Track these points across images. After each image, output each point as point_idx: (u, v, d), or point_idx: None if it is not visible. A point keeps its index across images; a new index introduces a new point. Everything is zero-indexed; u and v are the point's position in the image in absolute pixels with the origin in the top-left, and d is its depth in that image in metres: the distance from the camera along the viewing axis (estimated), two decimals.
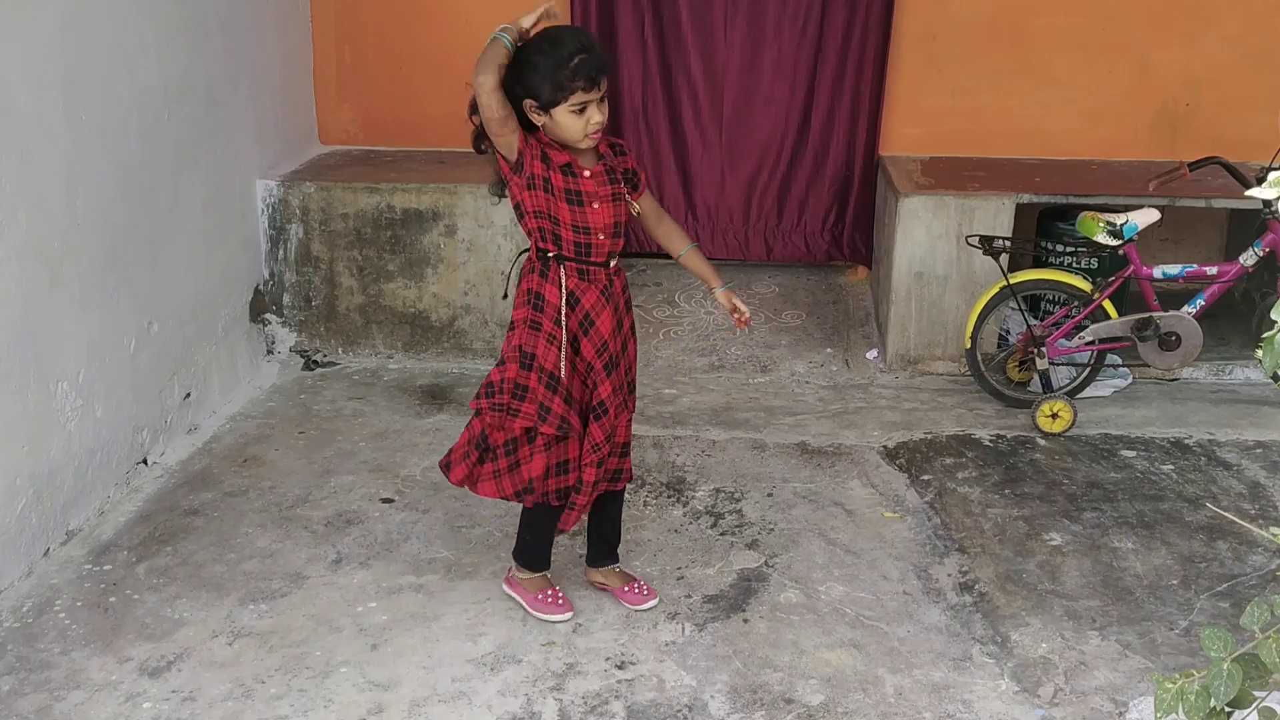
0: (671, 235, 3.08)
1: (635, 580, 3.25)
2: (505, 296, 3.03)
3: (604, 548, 3.24)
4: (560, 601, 3.17)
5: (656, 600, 3.21)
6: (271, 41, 4.99)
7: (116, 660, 2.97)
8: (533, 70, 2.68)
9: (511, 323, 2.95)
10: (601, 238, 2.85)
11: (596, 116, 2.73)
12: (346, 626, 3.13)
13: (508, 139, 2.75)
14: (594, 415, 2.94)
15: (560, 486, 3.03)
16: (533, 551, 3.18)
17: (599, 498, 3.10)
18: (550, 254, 2.86)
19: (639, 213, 2.97)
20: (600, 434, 2.94)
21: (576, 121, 2.72)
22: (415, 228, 4.85)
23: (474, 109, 2.74)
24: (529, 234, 2.90)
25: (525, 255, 2.96)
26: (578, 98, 2.69)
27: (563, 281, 2.86)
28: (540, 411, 2.90)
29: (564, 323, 2.87)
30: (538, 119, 2.75)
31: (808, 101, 5.43)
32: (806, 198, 5.57)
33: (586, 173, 2.81)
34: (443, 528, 3.62)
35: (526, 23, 2.69)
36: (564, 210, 2.81)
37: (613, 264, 2.91)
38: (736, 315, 3.07)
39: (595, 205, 2.82)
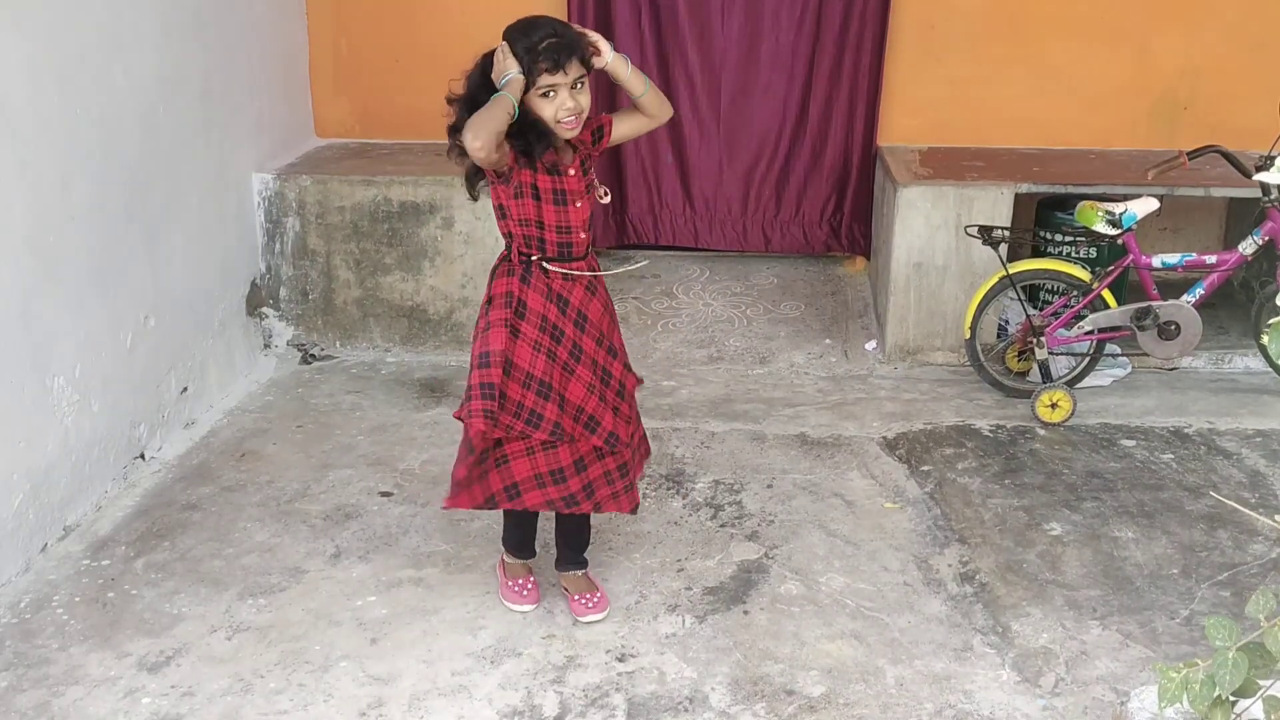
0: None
1: (591, 591, 3.14)
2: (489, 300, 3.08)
3: (567, 551, 3.19)
4: (525, 593, 3.16)
5: (601, 615, 3.09)
6: (267, 34, 4.97)
7: (115, 656, 2.96)
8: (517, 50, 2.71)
9: (488, 323, 2.87)
10: (582, 235, 2.86)
11: (568, 102, 2.72)
12: (346, 620, 3.12)
13: (500, 162, 2.73)
14: (618, 399, 2.99)
15: (562, 495, 2.96)
16: (513, 537, 3.19)
17: None
18: (533, 258, 2.85)
19: (604, 195, 2.89)
20: (626, 408, 3.01)
21: (547, 107, 2.72)
22: (412, 220, 4.83)
23: (453, 132, 2.73)
24: (506, 236, 2.87)
25: (504, 260, 2.92)
26: (544, 80, 2.69)
27: (549, 286, 2.85)
28: (531, 419, 2.85)
29: (550, 328, 2.85)
30: (513, 89, 2.74)
31: (806, 92, 5.41)
32: (805, 188, 5.56)
33: (570, 170, 2.82)
34: (441, 521, 3.61)
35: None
36: (550, 212, 2.80)
37: (590, 253, 2.93)
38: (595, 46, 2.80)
39: (578, 203, 2.83)
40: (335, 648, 3.00)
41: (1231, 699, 1.92)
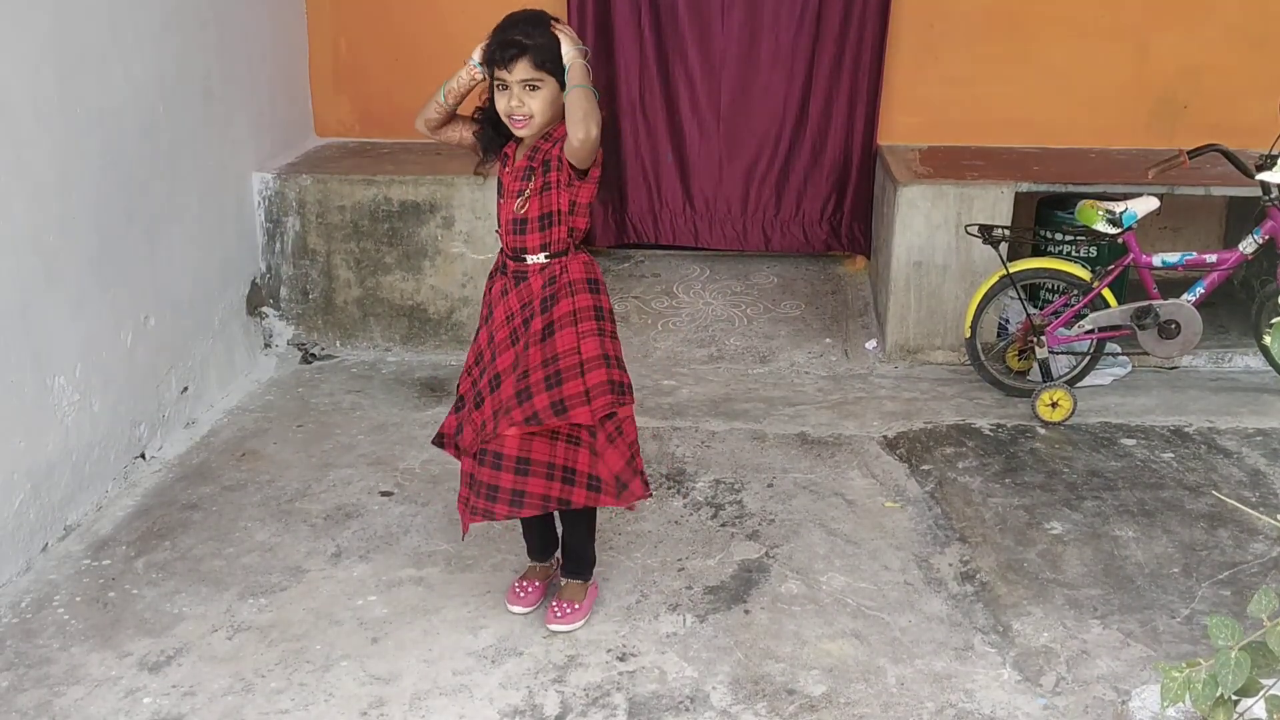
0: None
1: (573, 602, 3.10)
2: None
3: (565, 561, 3.18)
4: (523, 595, 3.16)
5: (567, 627, 3.04)
6: (267, 34, 4.96)
7: (116, 655, 2.96)
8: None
9: None
10: (504, 234, 2.89)
11: (513, 100, 2.75)
12: (347, 620, 3.12)
13: (461, 141, 2.98)
14: (474, 401, 2.97)
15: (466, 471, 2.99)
16: (526, 538, 3.23)
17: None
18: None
19: (524, 208, 2.84)
20: (478, 418, 2.91)
21: (500, 99, 2.79)
22: (412, 220, 4.83)
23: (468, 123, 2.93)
24: None
25: None
26: (498, 73, 2.77)
27: (493, 269, 2.97)
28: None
29: (482, 305, 2.98)
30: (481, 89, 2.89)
31: (806, 91, 5.41)
32: (805, 187, 5.56)
33: (508, 167, 2.88)
34: (442, 520, 3.61)
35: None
36: (497, 204, 2.92)
37: (530, 261, 2.84)
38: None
39: (503, 199, 2.88)
40: (336, 647, 3.00)
41: (1234, 698, 1.92)
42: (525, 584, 3.19)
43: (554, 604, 3.10)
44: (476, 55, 2.80)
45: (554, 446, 2.87)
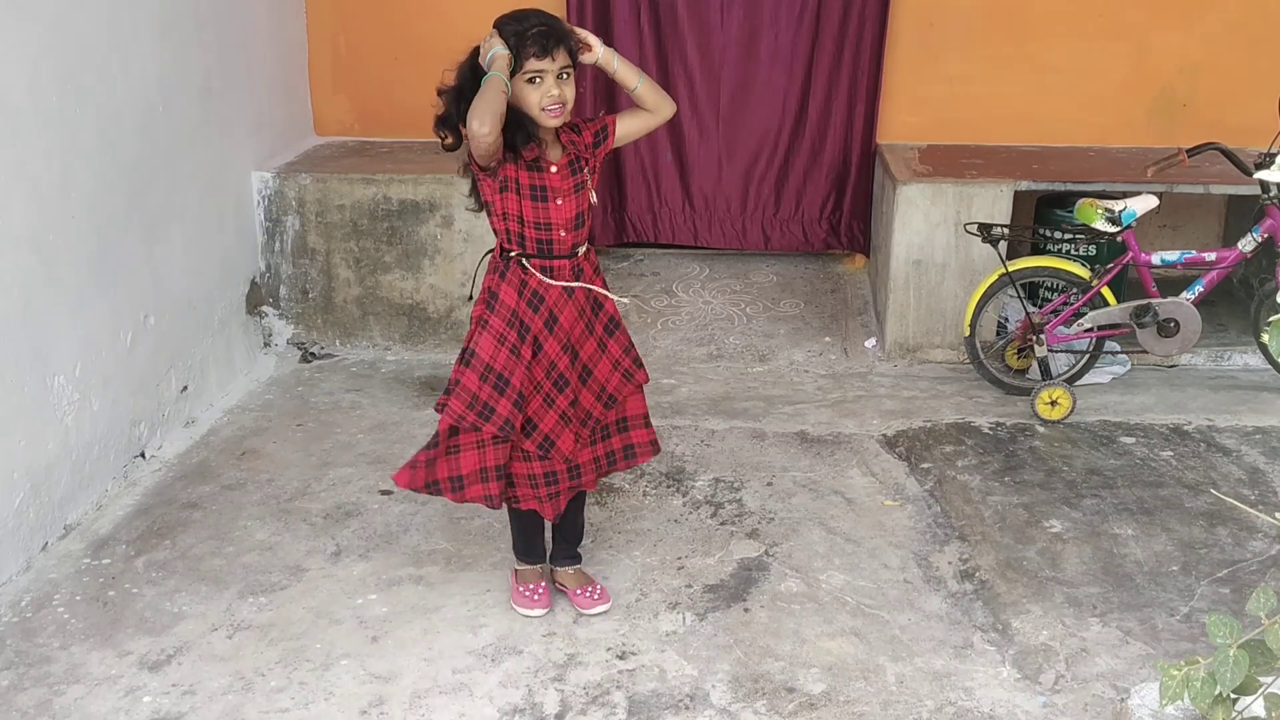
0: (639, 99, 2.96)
1: (591, 584, 3.18)
2: (470, 299, 3.02)
3: (563, 545, 3.21)
4: (537, 598, 3.16)
5: (606, 606, 3.13)
6: (266, 33, 4.96)
7: (116, 654, 2.97)
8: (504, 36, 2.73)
9: (470, 319, 2.96)
10: (563, 234, 2.84)
11: (553, 90, 2.72)
12: (346, 619, 3.12)
13: (495, 153, 2.73)
14: (569, 410, 2.93)
15: (505, 492, 2.99)
16: (519, 543, 3.19)
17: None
18: (512, 254, 2.87)
19: (594, 198, 2.89)
20: (576, 423, 2.95)
21: (532, 93, 2.73)
22: (412, 219, 4.83)
23: (441, 124, 2.79)
24: (495, 232, 2.90)
25: (490, 254, 2.95)
26: (531, 65, 2.70)
27: (524, 282, 2.86)
28: (484, 411, 2.87)
29: (517, 324, 2.86)
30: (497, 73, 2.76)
31: (805, 89, 5.41)
32: (804, 186, 5.56)
33: (553, 168, 2.81)
34: (442, 519, 3.61)
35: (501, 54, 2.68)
36: (529, 208, 2.81)
37: (580, 252, 2.91)
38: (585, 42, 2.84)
39: (559, 201, 2.82)
40: (336, 646, 3.01)
41: (1232, 696, 1.93)
42: (533, 587, 3.18)
43: (578, 592, 3.15)
44: (499, 45, 2.67)
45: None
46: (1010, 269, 4.34)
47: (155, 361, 4.05)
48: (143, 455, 3.97)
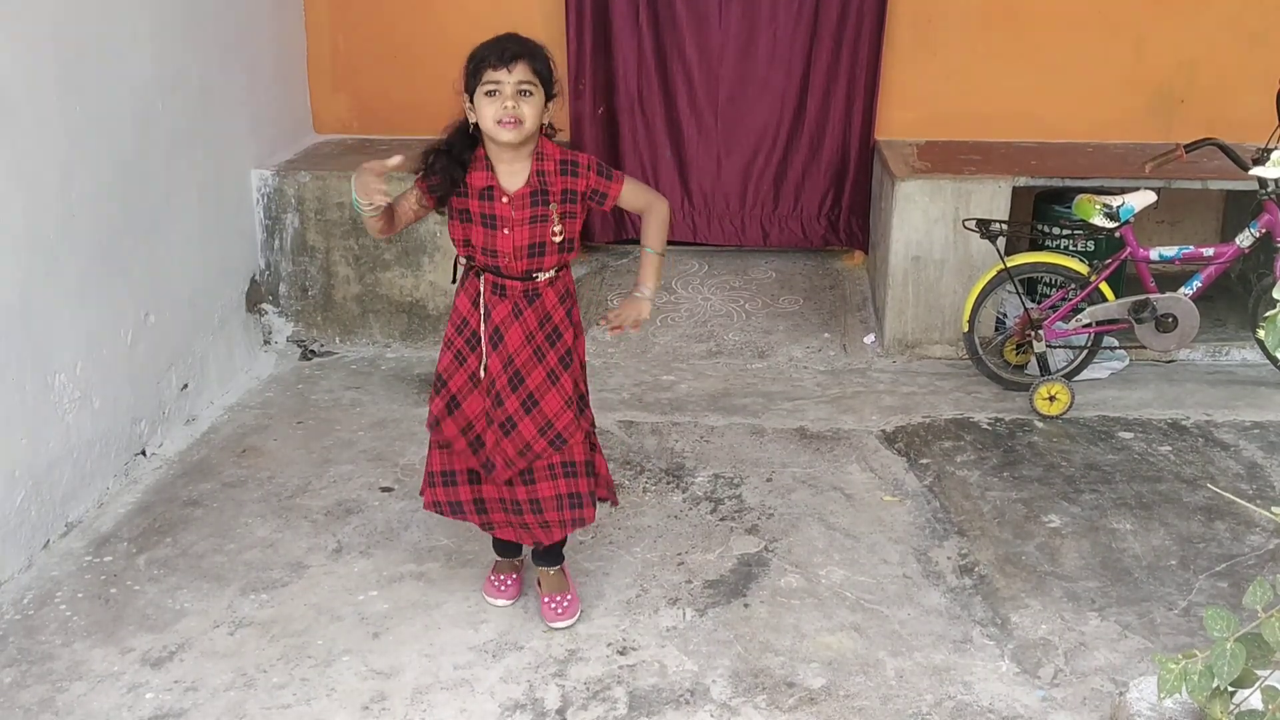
0: (646, 231, 3.05)
1: (562, 593, 3.11)
2: (454, 280, 3.03)
3: (541, 548, 3.17)
4: (504, 588, 3.18)
5: (570, 621, 3.06)
6: (265, 31, 4.97)
7: (118, 651, 2.98)
8: (468, 62, 2.76)
9: None
10: (514, 261, 2.81)
11: (508, 102, 2.69)
12: (348, 615, 3.13)
13: (422, 212, 2.93)
14: (503, 430, 2.90)
15: (451, 499, 3.02)
16: (494, 540, 3.21)
17: None
18: (464, 260, 2.91)
19: (560, 234, 2.83)
20: (511, 449, 2.90)
21: (489, 106, 2.71)
22: None
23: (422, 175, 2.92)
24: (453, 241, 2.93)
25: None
26: (489, 75, 2.70)
27: (480, 291, 2.86)
28: (430, 416, 2.97)
29: (466, 331, 2.89)
30: (471, 116, 2.78)
31: (803, 86, 5.41)
32: (803, 183, 5.56)
33: (504, 198, 2.79)
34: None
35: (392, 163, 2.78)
36: (477, 233, 2.82)
37: (540, 278, 2.85)
38: (613, 322, 2.99)
39: (507, 230, 2.79)
40: (337, 642, 3.02)
41: (1230, 689, 1.94)
42: (503, 578, 3.20)
43: (546, 601, 3.11)
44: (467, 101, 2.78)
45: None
46: (1009, 265, 4.35)
47: (156, 359, 4.06)
48: (144, 453, 3.98)
